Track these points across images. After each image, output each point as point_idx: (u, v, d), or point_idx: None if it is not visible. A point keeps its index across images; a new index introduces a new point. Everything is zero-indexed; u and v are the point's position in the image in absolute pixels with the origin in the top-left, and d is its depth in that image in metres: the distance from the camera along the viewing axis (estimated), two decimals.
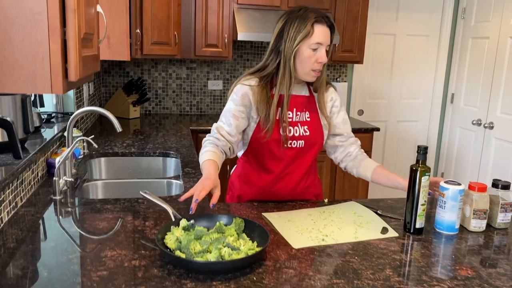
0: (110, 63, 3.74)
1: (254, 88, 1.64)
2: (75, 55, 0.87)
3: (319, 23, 1.57)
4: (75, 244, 1.33)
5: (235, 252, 1.21)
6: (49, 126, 2.26)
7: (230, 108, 1.66)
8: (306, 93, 1.72)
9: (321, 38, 1.57)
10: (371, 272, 1.21)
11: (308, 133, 1.69)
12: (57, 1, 0.83)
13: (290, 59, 1.59)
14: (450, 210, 1.46)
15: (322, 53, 1.58)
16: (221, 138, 1.64)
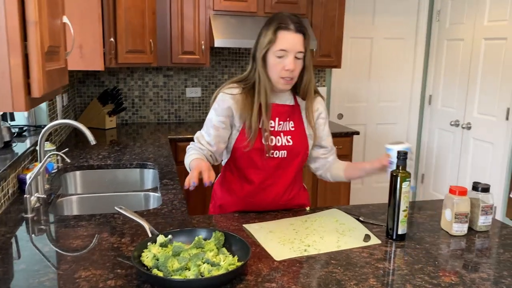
0: (84, 73, 3.66)
1: (236, 97, 1.62)
2: (38, 70, 0.82)
3: (284, 30, 1.53)
4: (47, 265, 1.27)
5: (215, 268, 1.17)
6: (20, 140, 2.18)
7: (211, 118, 1.65)
8: (290, 102, 1.68)
9: (284, 45, 1.53)
10: (354, 282, 1.18)
11: (291, 143, 1.66)
12: (17, 14, 0.78)
13: (261, 67, 1.57)
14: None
15: (289, 61, 1.53)
16: (202, 147, 1.65)
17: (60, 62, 1.05)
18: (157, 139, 3.13)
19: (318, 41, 3.64)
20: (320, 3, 3.60)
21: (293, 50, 1.53)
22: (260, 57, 1.57)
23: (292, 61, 1.53)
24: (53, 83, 0.94)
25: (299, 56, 1.55)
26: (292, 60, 1.54)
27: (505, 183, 3.41)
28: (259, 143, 1.61)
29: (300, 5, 3.52)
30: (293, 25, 1.53)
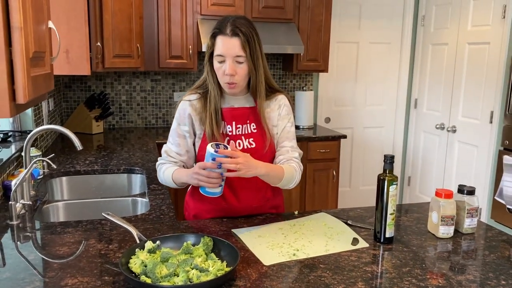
0: (71, 77, 3.62)
1: (193, 103, 1.62)
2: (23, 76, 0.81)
3: (221, 35, 1.51)
4: (33, 273, 1.25)
5: (203, 274, 1.17)
6: (5, 146, 2.15)
7: (175, 128, 1.66)
8: (250, 104, 1.65)
9: (221, 50, 1.51)
10: (343, 286, 1.19)
11: (253, 146, 1.63)
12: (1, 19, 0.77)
13: (209, 72, 1.59)
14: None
15: (227, 65, 1.51)
16: (173, 160, 1.66)
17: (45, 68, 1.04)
18: (144, 144, 3.11)
19: (305, 46, 3.66)
20: (307, 8, 3.63)
21: (230, 54, 1.51)
22: (206, 62, 1.58)
23: (230, 65, 1.51)
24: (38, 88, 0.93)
25: (239, 60, 1.52)
26: (231, 65, 1.51)
27: (489, 185, 3.46)
28: None
29: (286, 10, 3.54)
30: (230, 29, 1.50)
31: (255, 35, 1.55)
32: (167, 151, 1.67)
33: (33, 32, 0.89)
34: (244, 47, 1.51)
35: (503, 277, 1.26)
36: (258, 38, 1.56)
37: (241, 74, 1.54)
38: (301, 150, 1.76)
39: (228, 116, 1.62)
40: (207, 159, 1.42)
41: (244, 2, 3.44)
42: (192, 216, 1.75)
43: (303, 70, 3.77)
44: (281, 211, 1.81)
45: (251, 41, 1.52)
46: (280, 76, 4.08)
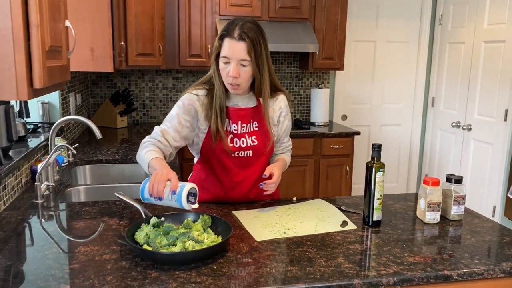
0: (98, 74, 3.85)
1: (201, 98, 1.67)
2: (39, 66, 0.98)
3: (228, 37, 1.56)
4: (51, 241, 1.42)
5: (198, 244, 1.31)
6: (35, 135, 2.36)
7: (176, 114, 1.67)
8: (253, 104, 1.73)
9: (226, 52, 1.56)
10: (324, 260, 1.31)
11: (256, 143, 1.72)
12: (21, 18, 0.94)
13: (215, 70, 1.64)
14: None
15: (231, 67, 1.57)
16: (165, 142, 1.64)
17: (62, 60, 1.21)
18: None
19: (321, 45, 3.77)
20: (323, 7, 3.73)
21: (235, 58, 1.56)
22: (213, 61, 1.64)
23: (234, 68, 1.57)
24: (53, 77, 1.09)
25: (244, 63, 1.57)
26: (235, 68, 1.57)
27: (504, 183, 3.47)
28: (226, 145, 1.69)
29: (302, 10, 3.66)
30: (237, 33, 1.54)
31: (262, 40, 1.60)
32: (163, 131, 1.65)
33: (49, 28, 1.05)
34: (249, 52, 1.55)
35: (477, 257, 1.35)
36: (264, 42, 1.61)
37: (244, 77, 1.60)
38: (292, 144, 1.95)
39: (234, 115, 1.70)
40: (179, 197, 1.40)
41: (261, 3, 3.58)
42: None
43: (319, 68, 3.87)
44: (277, 198, 1.92)
45: (257, 46, 1.57)
46: (296, 74, 4.19)
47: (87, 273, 1.20)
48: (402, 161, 4.61)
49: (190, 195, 1.42)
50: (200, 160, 1.81)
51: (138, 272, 1.21)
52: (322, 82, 4.26)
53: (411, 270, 1.25)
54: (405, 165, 4.63)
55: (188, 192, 1.40)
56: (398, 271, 1.25)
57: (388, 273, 1.23)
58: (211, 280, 1.17)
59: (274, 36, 3.49)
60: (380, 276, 1.22)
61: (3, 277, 1.17)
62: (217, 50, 1.62)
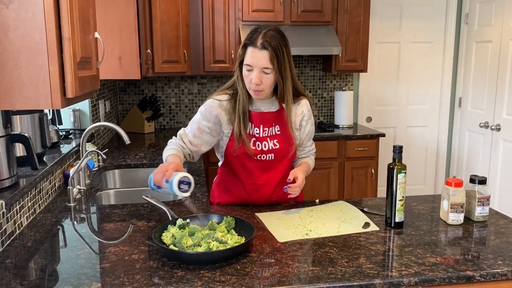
0: (125, 82, 3.97)
1: (223, 104, 1.73)
2: (71, 76, 1.04)
3: (251, 46, 1.60)
4: (84, 242, 1.49)
5: (222, 245, 1.35)
6: (67, 142, 2.46)
7: (197, 120, 1.76)
8: (275, 108, 1.77)
9: (249, 61, 1.60)
10: (345, 260, 1.33)
11: (278, 146, 1.76)
12: (54, 32, 1.01)
13: (239, 76, 1.69)
14: None
15: (254, 75, 1.61)
16: (182, 144, 1.77)
17: (92, 70, 1.28)
18: None
19: (344, 47, 3.77)
20: (345, 10, 3.74)
21: (257, 66, 1.60)
22: (236, 67, 1.69)
23: (257, 76, 1.61)
24: (84, 87, 1.16)
25: (266, 71, 1.61)
26: (258, 75, 1.61)
27: None
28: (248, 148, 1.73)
29: (325, 13, 3.68)
30: (260, 42, 1.58)
31: (285, 47, 1.63)
32: (183, 135, 1.78)
33: (80, 41, 1.12)
34: (272, 60, 1.59)
35: (501, 257, 1.34)
36: (287, 50, 1.65)
37: (266, 84, 1.64)
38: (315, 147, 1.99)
39: (256, 119, 1.75)
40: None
41: (283, 7, 3.62)
42: (216, 204, 1.93)
43: (342, 71, 3.88)
44: (300, 200, 1.94)
45: (280, 54, 1.61)
46: (320, 76, 4.21)
47: (117, 272, 1.26)
48: (429, 163, 4.55)
49: (182, 183, 1.53)
50: (224, 163, 1.86)
51: (165, 271, 1.26)
52: (346, 84, 4.26)
53: (433, 271, 1.26)
54: (432, 167, 4.57)
55: (179, 180, 1.51)
56: (419, 271, 1.26)
57: (410, 274, 1.24)
58: (235, 280, 1.21)
59: (297, 40, 3.52)
60: (401, 276, 1.23)
61: (40, 276, 1.25)
62: (240, 58, 1.66)
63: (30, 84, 1.03)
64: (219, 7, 3.59)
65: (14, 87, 1.04)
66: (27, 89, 1.03)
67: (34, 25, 1.01)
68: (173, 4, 3.31)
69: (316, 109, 4.26)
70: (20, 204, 1.60)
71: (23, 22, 1.01)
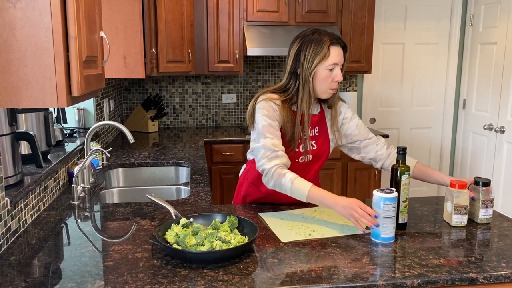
0: (130, 81, 3.98)
1: (280, 108, 1.74)
2: (77, 75, 1.05)
3: (334, 45, 1.68)
4: (87, 240, 1.50)
5: (225, 244, 1.35)
6: (71, 140, 2.48)
7: (270, 124, 1.70)
8: (317, 110, 1.84)
9: (336, 59, 1.68)
10: (348, 261, 1.33)
11: (315, 148, 1.82)
12: (61, 31, 1.01)
13: (309, 80, 1.70)
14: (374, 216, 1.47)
15: (338, 73, 1.70)
16: (281, 153, 1.68)
17: (97, 69, 1.28)
18: (195, 142, 3.37)
19: (348, 48, 3.75)
20: (349, 11, 3.74)
21: (340, 63, 1.71)
22: (310, 71, 1.69)
23: (340, 73, 1.70)
24: (90, 85, 1.17)
25: (341, 68, 1.73)
26: (340, 72, 1.71)
27: None
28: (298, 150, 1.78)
29: (329, 14, 3.68)
30: (339, 40, 1.71)
31: None
32: (275, 144, 1.67)
33: (86, 40, 1.13)
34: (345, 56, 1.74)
35: (504, 260, 1.34)
36: None
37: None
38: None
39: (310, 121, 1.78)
40: (377, 204, 1.46)
41: (288, 8, 3.62)
42: (242, 198, 1.93)
43: (346, 72, 3.87)
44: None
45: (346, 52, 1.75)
46: None
47: (120, 270, 1.27)
48: (432, 165, 4.54)
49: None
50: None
51: (169, 270, 1.26)
52: (350, 85, 4.25)
53: (436, 272, 1.26)
54: (435, 168, 4.56)
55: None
56: (422, 273, 1.26)
57: (413, 275, 1.24)
58: (238, 279, 1.21)
59: None
60: (404, 277, 1.23)
61: (44, 273, 1.25)
62: (324, 59, 1.67)
63: (36, 82, 1.03)
64: (224, 7, 3.60)
65: (20, 85, 1.04)
66: (33, 87, 1.03)
67: (40, 24, 1.01)
68: (178, 4, 3.32)
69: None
70: (25, 202, 1.61)
71: (30, 21, 1.02)
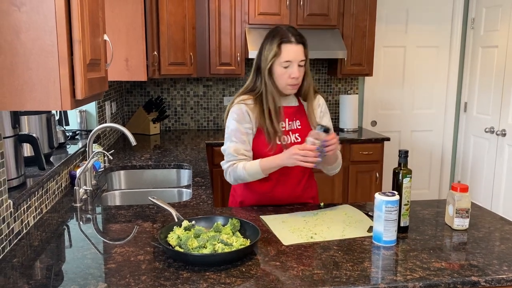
0: (132, 83, 3.99)
1: (250, 106, 1.80)
2: (81, 78, 1.06)
3: (286, 43, 1.72)
4: (90, 243, 1.50)
5: (227, 247, 1.36)
6: (73, 142, 2.48)
7: (236, 128, 1.79)
8: (295, 103, 1.88)
9: (289, 57, 1.72)
10: (350, 264, 1.33)
11: (299, 140, 1.83)
12: (65, 35, 1.02)
13: (266, 76, 1.76)
14: (376, 220, 1.49)
15: (294, 69, 1.73)
16: (244, 157, 1.79)
17: (100, 72, 1.29)
18: (196, 144, 3.38)
19: (349, 51, 3.78)
20: (351, 14, 3.74)
21: (296, 59, 1.73)
22: (266, 68, 1.76)
23: (296, 69, 1.74)
24: (93, 88, 1.17)
25: (301, 64, 1.75)
26: (297, 69, 1.74)
27: None
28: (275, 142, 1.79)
29: (331, 17, 3.68)
30: (294, 38, 1.73)
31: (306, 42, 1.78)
32: (236, 150, 1.78)
33: (90, 43, 1.13)
34: (305, 53, 1.76)
35: (506, 263, 1.34)
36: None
37: (301, 76, 1.77)
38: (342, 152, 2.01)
39: (283, 113, 1.82)
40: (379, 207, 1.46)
41: (290, 11, 3.63)
42: (238, 203, 1.95)
43: (347, 74, 3.88)
44: (317, 202, 1.97)
45: (307, 48, 1.77)
46: (325, 80, 4.21)
47: (123, 272, 1.27)
48: (433, 168, 4.54)
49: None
50: None
51: (171, 273, 1.27)
52: (351, 88, 4.26)
53: (438, 276, 1.26)
54: (437, 171, 4.56)
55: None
56: (424, 276, 1.26)
57: (414, 278, 1.24)
58: (240, 282, 1.22)
59: None
60: (406, 281, 1.23)
61: (46, 275, 1.26)
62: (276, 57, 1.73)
63: (40, 85, 1.04)
64: (226, 10, 3.61)
65: (24, 88, 1.05)
66: (37, 90, 1.04)
67: (45, 28, 1.02)
68: (180, 7, 3.33)
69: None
70: (27, 204, 1.61)
71: (35, 25, 1.03)
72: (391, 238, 1.47)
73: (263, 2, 3.60)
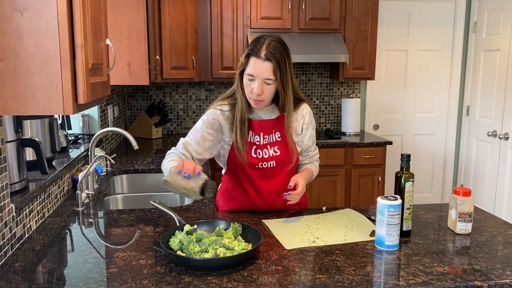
0: (134, 87, 4.00)
1: (225, 113, 1.73)
2: (83, 83, 1.06)
3: (254, 57, 1.59)
4: (92, 247, 1.50)
5: (229, 251, 1.36)
6: (76, 146, 2.49)
7: (199, 128, 1.73)
8: (276, 115, 1.76)
9: (252, 71, 1.60)
10: (353, 268, 1.33)
11: (278, 153, 1.75)
12: (68, 39, 1.02)
13: (238, 85, 1.69)
14: (379, 224, 1.48)
15: (255, 85, 1.60)
16: (187, 154, 1.71)
17: (103, 77, 1.29)
18: None
19: (351, 55, 3.78)
20: (353, 18, 3.75)
21: (260, 77, 1.59)
22: (238, 74, 1.69)
23: (258, 86, 1.60)
24: (96, 93, 1.18)
25: (268, 82, 1.60)
26: (259, 86, 1.60)
27: None
28: (249, 156, 1.73)
29: (332, 21, 3.69)
30: (264, 53, 1.57)
31: (287, 58, 1.63)
32: (186, 143, 1.72)
33: (92, 48, 1.14)
34: (275, 72, 1.59)
35: (509, 268, 1.33)
36: (289, 60, 1.64)
37: (267, 94, 1.64)
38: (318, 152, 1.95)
39: (256, 127, 1.75)
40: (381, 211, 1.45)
41: (291, 15, 3.64)
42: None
43: (349, 78, 3.88)
44: (305, 207, 1.94)
45: (282, 66, 1.60)
46: (327, 84, 4.22)
47: (124, 277, 1.27)
48: (436, 171, 4.53)
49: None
50: (227, 171, 1.87)
51: (173, 277, 1.26)
52: (353, 92, 4.26)
53: (440, 280, 1.26)
54: (439, 175, 4.55)
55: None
56: (427, 280, 1.25)
57: (417, 283, 1.24)
58: (242, 286, 1.21)
59: (304, 47, 3.53)
60: (408, 285, 1.23)
61: (48, 279, 1.26)
62: (242, 67, 1.66)
63: (42, 90, 1.04)
64: (228, 14, 3.62)
65: (27, 93, 1.05)
66: (40, 94, 1.05)
67: (47, 32, 1.02)
68: (182, 11, 3.35)
69: (323, 116, 4.27)
70: (30, 208, 1.61)
71: (37, 29, 1.03)
72: (393, 243, 1.46)
73: (265, 7, 3.61)
